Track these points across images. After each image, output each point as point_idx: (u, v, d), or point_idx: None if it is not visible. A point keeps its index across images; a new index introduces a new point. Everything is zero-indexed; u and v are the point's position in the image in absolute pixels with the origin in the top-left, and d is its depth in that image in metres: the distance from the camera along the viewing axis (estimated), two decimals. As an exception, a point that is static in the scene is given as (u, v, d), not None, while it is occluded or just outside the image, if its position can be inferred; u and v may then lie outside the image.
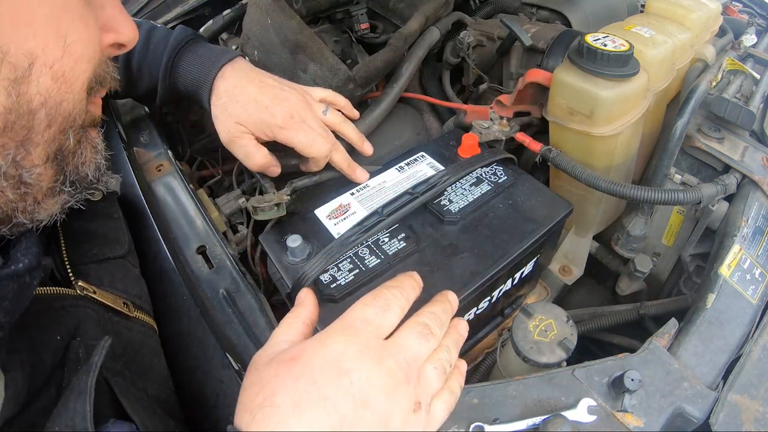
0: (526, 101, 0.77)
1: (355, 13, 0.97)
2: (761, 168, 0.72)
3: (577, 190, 0.75)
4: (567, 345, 0.52)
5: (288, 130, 0.62)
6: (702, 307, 0.57)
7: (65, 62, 0.35)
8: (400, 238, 0.55)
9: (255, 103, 0.62)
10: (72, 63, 0.36)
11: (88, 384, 0.34)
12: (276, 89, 0.64)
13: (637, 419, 0.46)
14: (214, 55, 0.65)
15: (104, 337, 0.39)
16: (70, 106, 0.37)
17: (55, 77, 0.35)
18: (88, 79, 0.39)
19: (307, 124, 0.63)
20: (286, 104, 0.63)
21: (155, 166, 0.71)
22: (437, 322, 0.41)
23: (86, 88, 0.39)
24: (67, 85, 0.36)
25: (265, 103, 0.62)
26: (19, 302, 0.36)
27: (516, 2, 0.97)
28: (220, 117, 0.63)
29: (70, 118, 0.38)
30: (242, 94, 0.63)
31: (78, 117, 0.39)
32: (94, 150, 0.43)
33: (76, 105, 0.38)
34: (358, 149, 0.70)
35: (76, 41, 0.36)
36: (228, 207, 0.70)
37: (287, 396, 0.34)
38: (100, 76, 0.41)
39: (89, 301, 0.47)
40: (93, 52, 0.38)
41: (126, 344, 0.48)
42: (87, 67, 0.38)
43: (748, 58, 0.87)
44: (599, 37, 0.63)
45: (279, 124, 0.62)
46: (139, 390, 0.46)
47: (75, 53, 0.36)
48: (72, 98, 0.37)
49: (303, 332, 0.42)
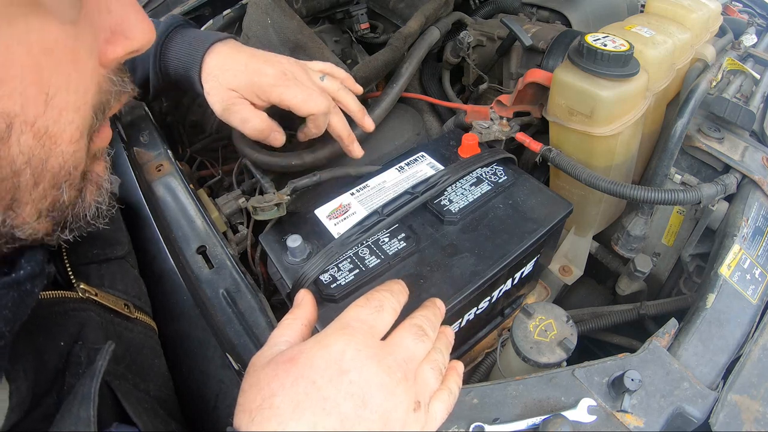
0: (526, 101, 0.77)
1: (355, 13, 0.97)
2: (761, 168, 0.72)
3: (577, 190, 0.75)
4: (567, 345, 0.52)
5: (281, 86, 0.60)
6: (702, 307, 0.57)
7: (49, 116, 0.32)
8: (400, 238, 0.55)
9: (245, 67, 0.60)
10: (56, 116, 0.32)
11: (92, 389, 0.34)
12: (268, 55, 0.62)
13: (637, 419, 0.46)
14: (203, 36, 0.64)
15: (107, 341, 0.38)
16: (58, 160, 0.34)
17: (38, 135, 0.32)
18: (79, 127, 0.35)
19: (300, 81, 0.61)
20: (279, 65, 0.61)
21: (155, 166, 0.70)
22: (430, 324, 0.42)
23: (79, 136, 0.35)
24: (51, 140, 0.33)
25: (255, 66, 0.60)
26: (20, 311, 0.35)
27: (516, 2, 0.97)
28: (212, 90, 0.61)
29: (61, 173, 0.35)
30: (233, 63, 0.61)
31: (74, 167, 0.36)
32: (98, 191, 0.41)
33: (68, 158, 0.35)
34: (359, 122, 0.68)
35: (61, 89, 0.32)
36: (228, 207, 0.70)
37: (286, 397, 0.34)
38: (102, 104, 0.37)
39: (91, 303, 0.47)
40: (84, 94, 0.35)
41: (127, 346, 0.48)
42: (74, 117, 0.34)
43: (748, 58, 0.87)
44: (599, 37, 0.63)
45: (271, 83, 0.59)
46: (141, 392, 0.46)
47: (59, 104, 0.32)
48: (60, 152, 0.34)
49: (301, 333, 0.42)
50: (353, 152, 0.64)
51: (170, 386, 0.52)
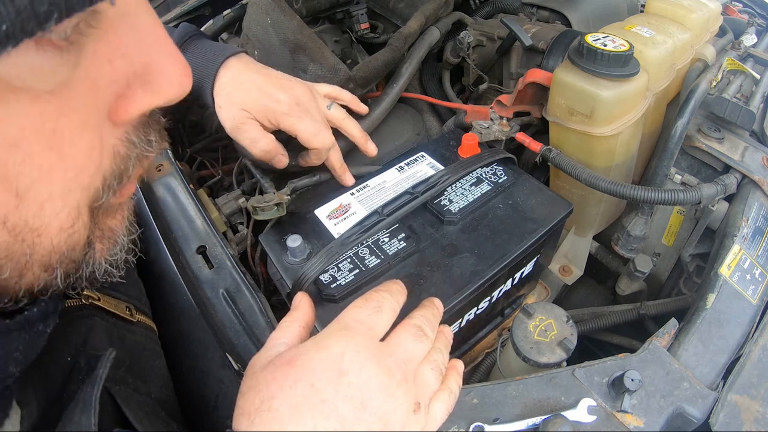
0: (526, 101, 0.77)
1: (355, 13, 0.97)
2: (761, 168, 0.72)
3: (577, 190, 0.75)
4: (567, 345, 0.52)
5: (293, 117, 0.61)
6: (702, 307, 0.57)
7: (25, 211, 0.26)
8: (400, 238, 0.55)
9: (260, 90, 0.61)
10: (35, 210, 0.26)
11: (93, 397, 0.34)
12: (281, 79, 0.63)
13: (637, 419, 0.46)
14: (218, 49, 0.64)
15: (108, 349, 0.38)
16: (47, 249, 0.28)
17: (14, 231, 0.26)
18: (71, 214, 0.28)
19: (311, 114, 0.62)
20: (292, 92, 0.62)
21: (155, 166, 0.70)
22: (429, 324, 0.42)
23: (72, 222, 0.29)
24: (34, 233, 0.27)
25: (270, 90, 0.61)
26: (30, 352, 0.32)
27: (516, 2, 0.97)
28: (224, 106, 0.62)
29: (52, 260, 0.29)
30: (247, 82, 0.61)
31: (70, 249, 0.30)
32: (111, 247, 0.35)
33: (60, 244, 0.29)
34: (362, 148, 0.70)
35: (37, 181, 0.25)
36: (228, 207, 0.70)
37: (285, 400, 0.33)
38: (117, 173, 0.30)
39: (94, 308, 0.46)
40: (76, 177, 0.27)
41: (129, 349, 0.48)
42: (63, 206, 0.27)
43: (748, 58, 0.87)
44: (599, 37, 0.63)
45: (284, 111, 0.61)
46: (142, 395, 0.45)
47: (38, 197, 0.26)
48: (49, 242, 0.28)
49: (300, 335, 0.42)
50: (344, 183, 0.67)
51: (170, 387, 0.52)
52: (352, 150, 0.72)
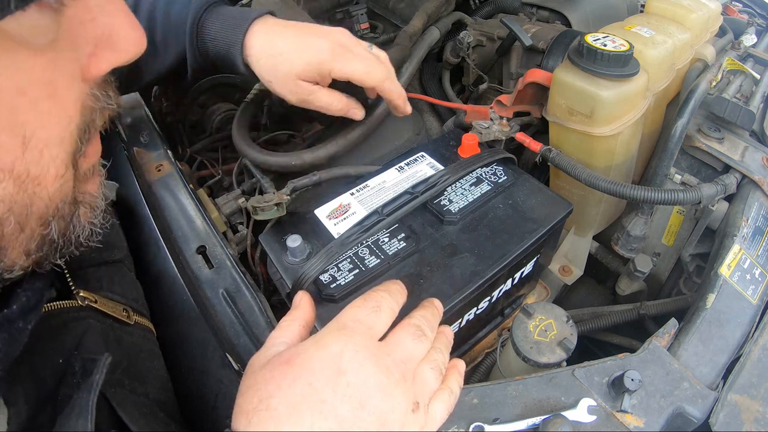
0: (526, 101, 0.77)
1: (355, 13, 0.97)
2: (761, 168, 0.72)
3: (577, 190, 0.75)
4: (567, 345, 0.52)
5: (340, 60, 0.59)
6: (702, 307, 0.57)
7: (28, 159, 0.29)
8: (400, 238, 0.55)
9: (300, 49, 0.59)
10: (36, 156, 0.29)
11: (89, 403, 0.34)
12: (313, 27, 0.61)
13: (637, 419, 0.46)
14: (241, 14, 0.62)
15: (104, 354, 0.38)
16: (44, 201, 0.31)
17: (18, 180, 0.29)
18: (64, 160, 0.32)
19: (357, 52, 0.61)
20: (331, 36, 0.60)
21: (155, 166, 0.71)
22: (428, 324, 0.42)
23: (65, 169, 0.32)
24: (34, 183, 0.30)
25: (309, 42, 0.59)
26: (11, 350, 0.33)
27: (516, 2, 0.97)
28: (275, 80, 0.60)
29: (49, 211, 0.32)
30: (282, 43, 0.59)
31: (62, 201, 0.33)
32: (91, 212, 0.38)
33: (55, 194, 0.32)
34: (401, 108, 0.67)
35: (39, 127, 0.29)
36: (228, 207, 0.70)
37: (283, 399, 0.33)
38: (86, 124, 0.33)
39: (91, 310, 0.46)
40: (67, 125, 0.31)
41: (126, 350, 0.48)
42: (58, 151, 0.31)
43: (748, 58, 0.87)
44: (599, 37, 0.63)
45: (329, 58, 0.59)
46: (139, 396, 0.45)
47: (39, 144, 0.29)
48: (46, 192, 0.31)
49: (300, 334, 0.42)
50: (406, 112, 0.65)
51: (169, 387, 0.52)
52: (352, 150, 0.72)
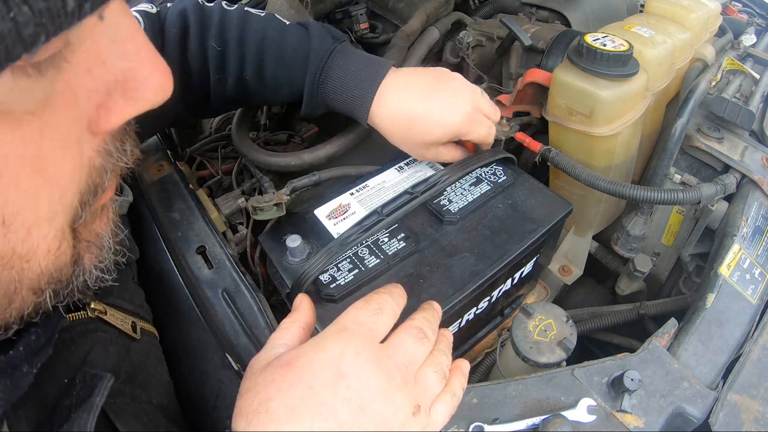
0: (526, 101, 0.77)
1: (354, 13, 0.97)
2: (761, 168, 0.72)
3: (577, 190, 0.75)
4: (567, 345, 0.52)
5: (468, 129, 0.61)
6: (702, 307, 0.57)
7: (12, 239, 0.25)
8: (400, 238, 0.55)
9: (438, 114, 0.59)
10: (22, 236, 0.25)
11: (88, 424, 0.34)
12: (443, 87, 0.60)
13: (636, 419, 0.46)
14: (367, 67, 0.60)
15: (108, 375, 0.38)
16: (36, 273, 0.28)
17: (2, 261, 0.26)
18: (57, 235, 0.28)
19: (478, 121, 0.62)
20: (459, 106, 0.60)
21: (155, 166, 0.71)
22: (430, 326, 0.41)
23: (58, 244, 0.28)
24: (22, 260, 0.27)
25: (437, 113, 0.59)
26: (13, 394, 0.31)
27: (516, 2, 0.97)
28: (405, 143, 0.62)
29: (41, 283, 0.29)
30: (418, 109, 0.59)
31: (57, 270, 0.30)
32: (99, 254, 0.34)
33: (48, 266, 0.29)
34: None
35: (23, 207, 0.25)
36: (227, 207, 0.70)
37: (283, 402, 0.33)
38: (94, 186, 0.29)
39: (101, 322, 0.45)
40: (61, 197, 0.27)
41: (133, 358, 0.47)
42: (50, 228, 0.27)
43: (748, 58, 0.87)
44: (599, 37, 0.63)
45: (459, 130, 0.60)
46: (142, 403, 0.45)
47: (25, 224, 0.25)
48: (37, 267, 0.28)
49: (300, 336, 0.41)
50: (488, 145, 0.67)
51: (171, 392, 0.51)
52: (352, 150, 0.72)
